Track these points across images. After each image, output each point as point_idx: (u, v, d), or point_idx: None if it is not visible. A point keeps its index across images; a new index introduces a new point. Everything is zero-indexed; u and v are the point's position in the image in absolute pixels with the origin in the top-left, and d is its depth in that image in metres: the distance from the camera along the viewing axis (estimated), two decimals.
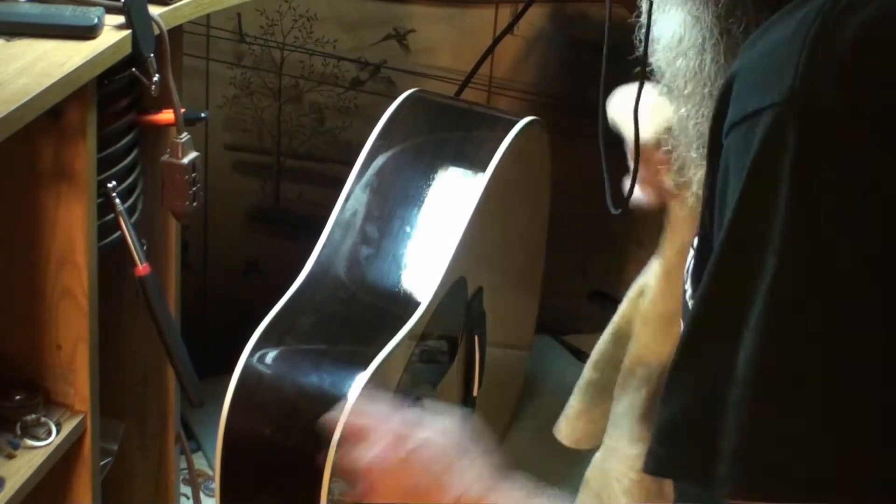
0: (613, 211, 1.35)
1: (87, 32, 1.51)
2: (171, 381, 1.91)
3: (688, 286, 1.09)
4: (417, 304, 1.75)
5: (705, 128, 1.04)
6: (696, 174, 1.11)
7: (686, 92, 1.06)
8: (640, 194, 1.52)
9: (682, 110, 1.08)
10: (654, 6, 1.10)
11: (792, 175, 0.86)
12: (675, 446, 0.93)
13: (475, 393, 2.01)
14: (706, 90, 1.04)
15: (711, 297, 0.91)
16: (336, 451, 1.57)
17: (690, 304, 1.05)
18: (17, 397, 1.62)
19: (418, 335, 1.75)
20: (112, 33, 1.53)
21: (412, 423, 1.13)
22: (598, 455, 1.77)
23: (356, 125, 2.54)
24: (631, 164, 1.42)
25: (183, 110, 1.69)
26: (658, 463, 0.94)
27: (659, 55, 1.09)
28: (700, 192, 1.08)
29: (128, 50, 1.55)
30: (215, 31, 2.52)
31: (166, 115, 1.70)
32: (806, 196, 0.86)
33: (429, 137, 1.95)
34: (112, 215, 1.64)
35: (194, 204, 1.72)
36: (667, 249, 1.67)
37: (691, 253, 1.11)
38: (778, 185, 0.87)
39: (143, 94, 1.68)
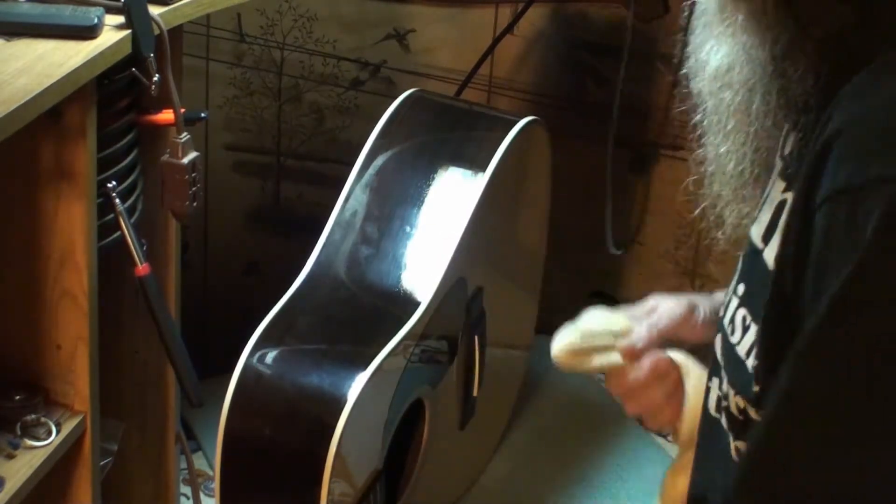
0: (614, 251, 1.31)
1: (87, 32, 1.51)
2: (171, 381, 1.91)
3: (733, 338, 1.00)
4: (417, 304, 1.75)
5: (746, 167, 0.97)
6: (731, 214, 1.04)
7: (728, 128, 0.98)
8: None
9: (722, 148, 0.99)
10: (702, 28, 0.99)
11: None
12: None
13: (475, 393, 2.01)
14: (751, 129, 0.96)
15: (805, 381, 0.83)
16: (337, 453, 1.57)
17: (735, 348, 0.99)
18: (17, 397, 1.62)
19: (418, 335, 1.75)
20: (112, 33, 1.53)
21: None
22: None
23: (356, 125, 2.54)
24: None
25: (183, 110, 1.69)
26: None
27: (704, 82, 1.00)
28: (734, 235, 1.04)
29: (128, 50, 1.55)
30: (215, 31, 2.52)
31: (166, 115, 1.69)
32: None
33: (429, 137, 1.95)
34: (112, 215, 1.64)
35: (194, 204, 1.72)
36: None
37: (734, 301, 1.01)
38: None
39: (143, 94, 1.68)
